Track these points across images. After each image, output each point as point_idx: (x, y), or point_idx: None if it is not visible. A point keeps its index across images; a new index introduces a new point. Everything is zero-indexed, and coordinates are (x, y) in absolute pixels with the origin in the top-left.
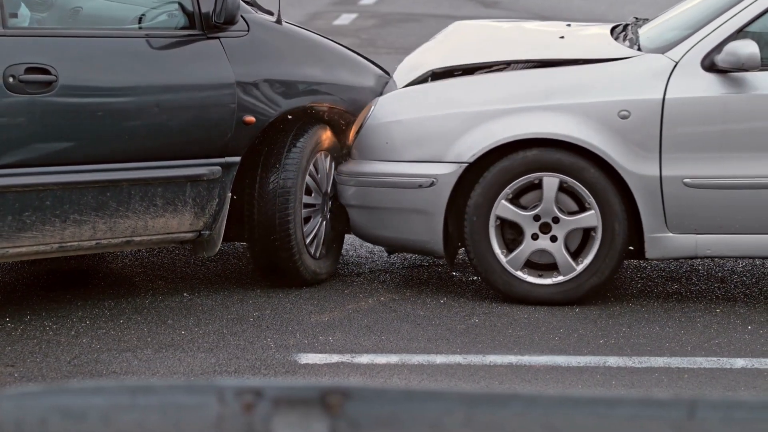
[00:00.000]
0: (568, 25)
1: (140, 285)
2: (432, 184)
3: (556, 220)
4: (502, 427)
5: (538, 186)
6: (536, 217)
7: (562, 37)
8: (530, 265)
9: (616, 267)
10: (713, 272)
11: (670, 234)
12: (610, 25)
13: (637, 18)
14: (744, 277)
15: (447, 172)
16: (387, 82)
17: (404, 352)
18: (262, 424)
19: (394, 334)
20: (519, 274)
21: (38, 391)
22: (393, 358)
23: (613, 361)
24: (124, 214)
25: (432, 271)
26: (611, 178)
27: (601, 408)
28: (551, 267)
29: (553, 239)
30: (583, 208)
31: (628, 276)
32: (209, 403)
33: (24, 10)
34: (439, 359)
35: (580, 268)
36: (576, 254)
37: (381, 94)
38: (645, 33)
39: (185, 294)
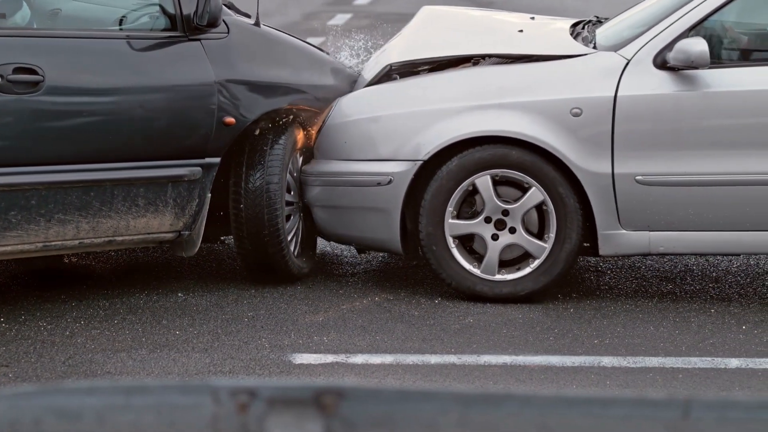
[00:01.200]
0: (532, 17)
1: (135, 285)
2: (389, 182)
3: (505, 213)
4: (497, 427)
5: (471, 194)
6: (487, 219)
7: (521, 30)
8: (504, 264)
9: (579, 228)
10: (708, 272)
11: (623, 231)
12: (573, 21)
13: (598, 17)
14: (738, 277)
15: (402, 170)
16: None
17: (399, 352)
18: (256, 424)
19: (389, 334)
20: (498, 277)
21: (33, 392)
22: (387, 358)
23: (607, 361)
24: (107, 214)
25: (427, 271)
26: (565, 176)
27: (596, 408)
28: (524, 256)
29: (512, 231)
30: (524, 190)
31: (622, 276)
32: (204, 403)
33: (25, 11)
34: (434, 359)
35: (549, 243)
36: (540, 235)
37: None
38: (602, 31)
39: (180, 294)
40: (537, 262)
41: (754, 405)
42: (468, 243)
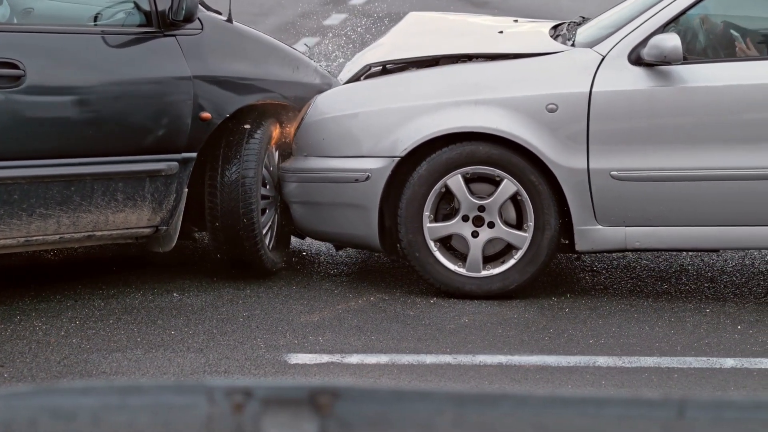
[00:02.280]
0: (515, 20)
1: (130, 285)
2: (367, 178)
3: (482, 208)
4: (492, 427)
5: (446, 195)
6: (465, 218)
7: (501, 32)
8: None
9: (556, 214)
10: (703, 272)
11: (599, 226)
12: (556, 23)
13: (583, 17)
14: (734, 277)
15: (380, 166)
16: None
17: (394, 352)
18: (251, 424)
19: (384, 334)
20: (485, 273)
21: (28, 392)
22: (383, 358)
23: (602, 360)
24: (87, 209)
25: None
26: (536, 165)
27: (591, 408)
28: (507, 249)
29: (491, 225)
30: (496, 183)
31: (618, 276)
32: (199, 403)
33: (5, 7)
34: (429, 359)
35: (529, 232)
36: (519, 225)
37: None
38: (582, 31)
39: (175, 294)
40: (520, 253)
41: (750, 405)
42: (446, 241)
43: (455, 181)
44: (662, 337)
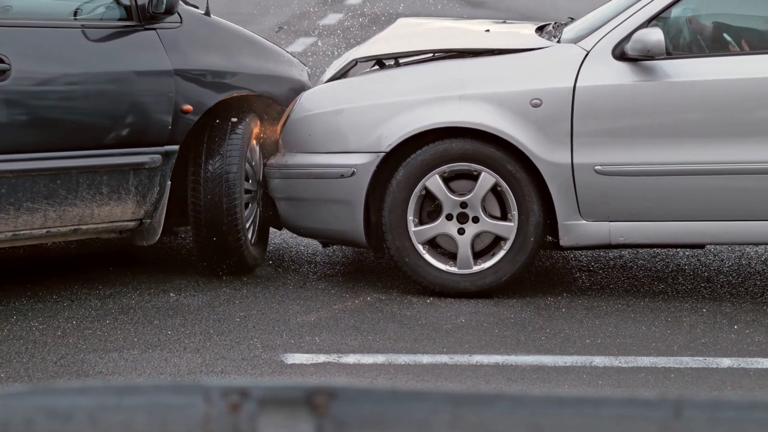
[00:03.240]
0: (504, 21)
1: (127, 285)
2: (352, 173)
3: (464, 205)
4: (489, 426)
5: (427, 196)
6: (449, 216)
7: (488, 30)
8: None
9: (538, 200)
10: (700, 272)
11: (584, 221)
12: (543, 23)
13: (571, 17)
14: (730, 277)
15: (365, 161)
16: (306, 71)
17: (390, 352)
18: (248, 424)
19: (381, 334)
20: (476, 268)
21: (24, 392)
22: (379, 358)
23: (599, 360)
24: (72, 202)
25: None
26: (512, 155)
27: (587, 408)
28: (496, 242)
29: (476, 220)
30: (475, 178)
31: (614, 276)
32: (195, 403)
33: None
34: (426, 359)
35: (514, 221)
36: (504, 216)
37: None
38: (569, 29)
39: (171, 294)
40: (509, 243)
41: (746, 405)
42: (434, 242)
43: (434, 182)
44: (659, 337)
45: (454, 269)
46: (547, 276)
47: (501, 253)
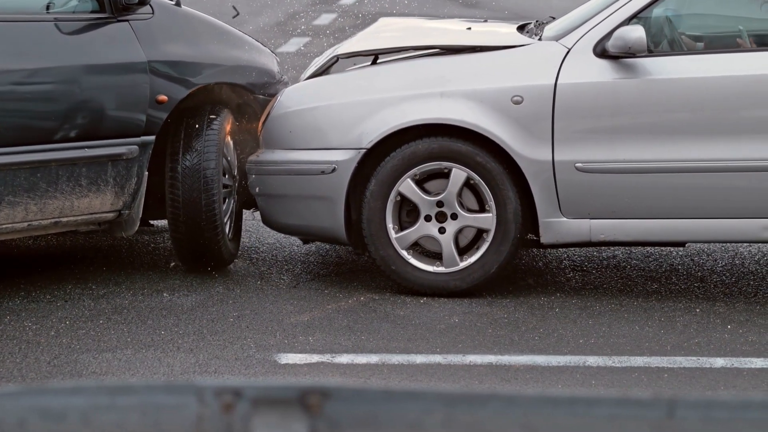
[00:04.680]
0: (485, 20)
1: (120, 285)
2: (333, 170)
3: (441, 204)
4: (482, 426)
5: (404, 200)
6: (427, 218)
7: (469, 28)
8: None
9: (512, 187)
10: (693, 272)
11: (564, 219)
12: (525, 21)
13: (553, 17)
14: (724, 277)
15: (346, 158)
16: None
17: (384, 351)
18: (241, 424)
19: (374, 334)
20: (463, 264)
21: (17, 392)
22: (373, 358)
23: (592, 360)
24: (52, 195)
25: None
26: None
27: (580, 407)
28: (479, 235)
29: (455, 217)
30: (447, 175)
31: (608, 275)
32: (188, 403)
33: None
34: (419, 359)
35: (492, 211)
36: (482, 209)
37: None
38: (551, 27)
39: (165, 294)
40: (491, 234)
41: (739, 405)
42: (417, 245)
43: (406, 187)
44: (652, 337)
45: (441, 269)
46: (540, 276)
47: (485, 246)
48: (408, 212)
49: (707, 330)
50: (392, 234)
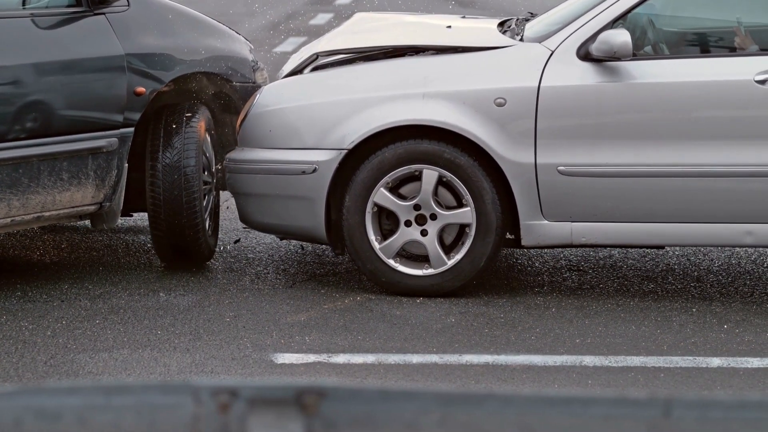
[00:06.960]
0: (463, 17)
1: (117, 285)
2: (314, 170)
3: (417, 207)
4: (478, 426)
5: (381, 210)
6: (407, 223)
7: (449, 26)
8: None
9: (486, 177)
10: (689, 271)
11: (546, 222)
12: (503, 18)
13: (532, 13)
14: (720, 276)
15: (327, 158)
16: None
17: (380, 351)
18: (237, 424)
19: (371, 334)
20: (451, 262)
21: (13, 391)
22: (369, 358)
23: (589, 360)
24: (35, 190)
25: None
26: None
27: (577, 407)
28: (462, 231)
29: (434, 217)
30: (418, 177)
31: (604, 275)
32: (184, 403)
33: None
34: (416, 359)
35: (470, 204)
36: (460, 204)
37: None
38: (531, 26)
39: (161, 294)
40: (473, 227)
41: (735, 404)
42: (403, 250)
43: (381, 196)
44: (648, 337)
45: (430, 270)
46: (537, 276)
47: (469, 240)
48: (388, 216)
49: (704, 330)
50: (376, 246)
